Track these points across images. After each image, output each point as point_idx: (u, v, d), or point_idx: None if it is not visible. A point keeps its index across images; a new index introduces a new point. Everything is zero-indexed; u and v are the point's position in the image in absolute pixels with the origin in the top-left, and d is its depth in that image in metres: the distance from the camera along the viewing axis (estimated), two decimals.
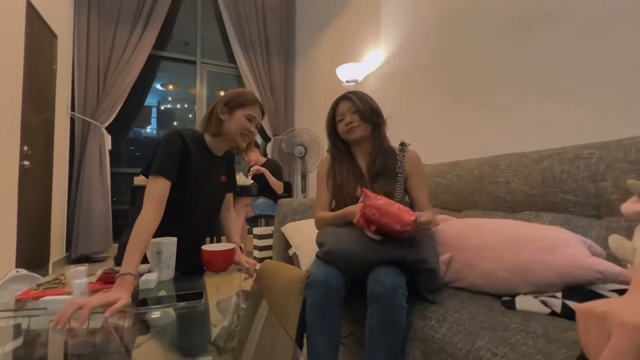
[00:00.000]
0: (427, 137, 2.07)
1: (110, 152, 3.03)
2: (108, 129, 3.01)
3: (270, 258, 2.22)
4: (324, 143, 3.11)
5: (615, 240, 0.50)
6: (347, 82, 2.62)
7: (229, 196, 1.27)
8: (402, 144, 1.19)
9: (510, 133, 1.60)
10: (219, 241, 2.85)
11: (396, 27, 2.37)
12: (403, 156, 1.15)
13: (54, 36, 2.55)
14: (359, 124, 1.14)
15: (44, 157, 2.44)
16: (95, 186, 2.89)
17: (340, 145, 1.21)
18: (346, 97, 1.18)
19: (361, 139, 1.16)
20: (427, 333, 0.79)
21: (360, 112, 1.14)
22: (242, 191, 2.74)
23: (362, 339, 0.92)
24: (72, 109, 2.91)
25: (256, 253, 2.50)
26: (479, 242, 0.97)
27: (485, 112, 1.73)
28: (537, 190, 1.16)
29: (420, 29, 2.17)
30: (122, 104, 3.06)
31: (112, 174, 3.03)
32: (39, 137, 2.35)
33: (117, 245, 1.18)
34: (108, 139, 3.01)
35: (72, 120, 2.92)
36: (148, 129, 3.77)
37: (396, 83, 2.39)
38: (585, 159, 1.06)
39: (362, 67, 2.61)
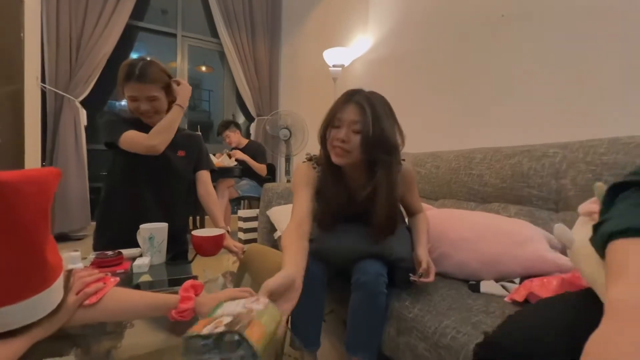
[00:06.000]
0: (409, 125, 2.10)
1: (86, 127, 2.91)
2: (83, 103, 2.87)
3: (255, 240, 2.27)
4: (309, 127, 3.12)
5: (558, 229, 0.59)
6: (334, 66, 2.62)
7: (203, 174, 1.30)
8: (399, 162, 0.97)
9: (488, 127, 1.69)
10: (202, 221, 2.86)
11: (384, 13, 2.36)
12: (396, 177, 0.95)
13: (20, 0, 2.35)
14: (350, 150, 0.86)
15: (14, 132, 2.32)
16: (71, 164, 2.79)
17: (327, 156, 0.93)
18: (358, 102, 0.85)
19: (351, 164, 0.91)
20: (402, 312, 0.89)
21: (364, 137, 0.83)
22: (226, 173, 2.74)
23: (342, 316, 1.02)
24: (43, 81, 2.74)
25: (241, 235, 2.55)
26: (457, 235, 1.07)
27: (466, 105, 1.81)
28: (507, 184, 1.26)
29: (407, 18, 2.18)
30: (97, 76, 2.91)
31: (88, 150, 2.92)
32: (7, 110, 2.22)
33: (95, 223, 1.23)
34: (83, 114, 2.87)
35: (44, 94, 2.76)
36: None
37: (382, 70, 2.41)
38: (550, 157, 1.16)
39: (349, 52, 2.60)
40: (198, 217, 2.89)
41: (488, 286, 0.95)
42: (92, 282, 0.62)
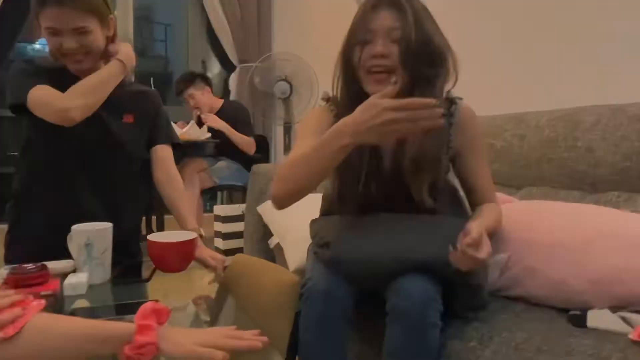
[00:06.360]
0: (477, 78, 2.09)
1: None
2: None
3: (240, 250, 2.31)
4: (319, 78, 3.09)
5: None
6: None
7: (162, 149, 1.33)
8: (451, 100, 1.04)
9: (598, 77, 1.66)
10: (161, 220, 2.91)
11: None
12: (451, 123, 1.02)
13: None
14: (392, 66, 0.93)
15: None
16: None
17: (353, 91, 1.01)
18: (393, 3, 0.95)
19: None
20: (466, 358, 0.89)
21: (406, 44, 0.91)
22: (195, 150, 2.77)
23: None
24: None
25: (219, 242, 2.59)
26: (550, 240, 1.05)
27: (563, 47, 1.77)
28: (632, 163, 1.24)
29: None
30: None
31: None
32: None
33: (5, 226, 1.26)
34: None
35: None
36: (38, 45, 3.65)
37: (438, 4, 2.37)
38: None
39: None
40: (156, 216, 2.94)
41: (599, 318, 0.94)
42: (7, 307, 0.64)
